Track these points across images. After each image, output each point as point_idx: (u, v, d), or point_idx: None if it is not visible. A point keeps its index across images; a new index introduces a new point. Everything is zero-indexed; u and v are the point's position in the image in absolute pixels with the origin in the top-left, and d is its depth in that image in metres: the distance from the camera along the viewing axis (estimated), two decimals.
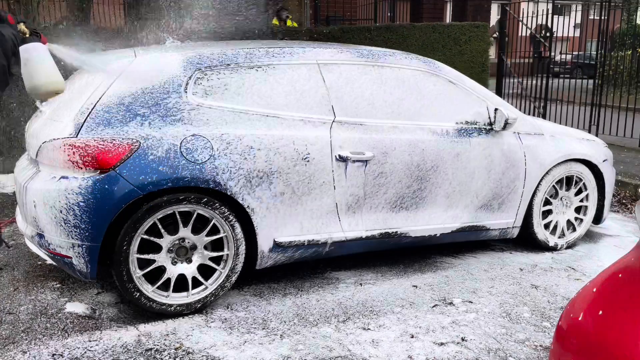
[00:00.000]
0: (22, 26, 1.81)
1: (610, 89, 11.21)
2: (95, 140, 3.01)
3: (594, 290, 1.77)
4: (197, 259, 3.31)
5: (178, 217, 3.19)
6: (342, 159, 3.52)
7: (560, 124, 6.51)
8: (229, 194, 3.25)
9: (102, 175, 2.99)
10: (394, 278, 3.88)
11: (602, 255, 4.43)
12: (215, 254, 3.33)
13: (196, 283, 3.33)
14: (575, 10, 10.25)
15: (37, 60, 1.78)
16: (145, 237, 3.13)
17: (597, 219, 4.69)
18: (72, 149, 3.00)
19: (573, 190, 4.50)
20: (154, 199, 3.10)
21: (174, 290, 3.27)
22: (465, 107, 4.00)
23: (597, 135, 8.40)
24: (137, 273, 3.14)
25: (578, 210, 4.58)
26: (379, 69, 3.79)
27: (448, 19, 16.48)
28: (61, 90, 1.87)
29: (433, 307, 3.46)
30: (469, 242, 4.49)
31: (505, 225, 4.22)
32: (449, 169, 3.87)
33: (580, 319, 1.70)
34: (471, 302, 3.53)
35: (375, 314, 3.35)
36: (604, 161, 4.54)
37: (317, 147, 3.47)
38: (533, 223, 4.33)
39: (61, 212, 2.99)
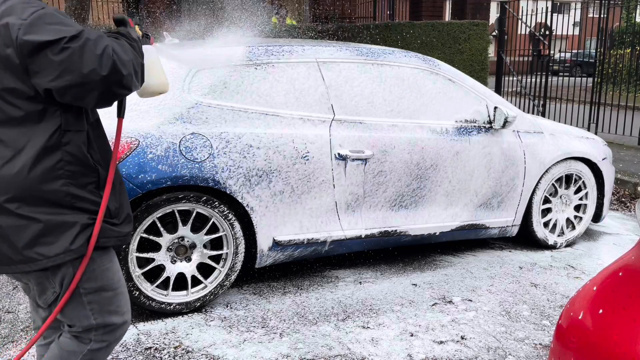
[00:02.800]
0: (137, 29, 1.91)
1: (610, 87, 11.21)
2: None
3: (594, 288, 1.77)
4: (196, 258, 3.31)
5: (177, 215, 3.19)
6: (342, 158, 3.52)
7: (559, 122, 6.52)
8: (228, 192, 3.25)
9: None
10: (394, 276, 3.88)
11: (601, 253, 4.43)
12: (214, 253, 3.33)
13: (195, 282, 3.32)
14: (575, 8, 10.26)
15: (149, 63, 1.86)
16: (144, 235, 3.13)
17: (597, 217, 4.69)
18: None
19: (572, 188, 4.50)
20: (153, 197, 3.10)
21: (173, 289, 3.27)
22: (465, 106, 4.00)
23: (596, 133, 8.41)
24: (136, 272, 3.13)
25: (577, 208, 4.58)
26: (378, 67, 3.78)
27: (447, 17, 16.47)
28: (166, 91, 1.94)
29: (432, 305, 3.46)
30: (468, 241, 4.49)
31: (505, 223, 4.22)
32: (449, 167, 3.87)
33: (580, 317, 1.70)
34: (471, 301, 3.53)
35: (374, 312, 3.35)
36: (603, 159, 4.54)
37: (317, 145, 3.46)
38: (532, 221, 4.33)
39: None
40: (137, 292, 3.14)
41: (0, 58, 1.54)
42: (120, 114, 1.78)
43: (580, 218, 4.57)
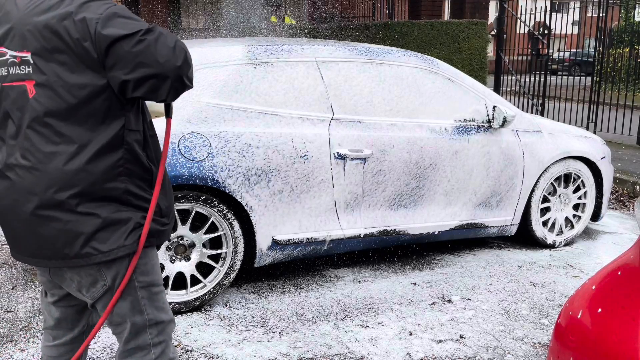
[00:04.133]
0: None
1: (609, 86, 11.22)
2: None
3: (593, 287, 1.77)
4: (195, 257, 3.31)
5: (176, 214, 3.19)
6: (341, 157, 3.52)
7: (558, 121, 6.53)
8: (227, 191, 3.25)
9: None
10: (393, 275, 3.89)
11: (600, 252, 4.43)
12: (213, 252, 3.33)
13: (195, 281, 3.32)
14: (573, 8, 10.25)
15: None
16: None
17: (595, 216, 4.70)
18: None
19: (571, 187, 4.50)
20: None
21: (172, 288, 3.27)
22: (464, 105, 4.00)
23: (595, 132, 8.42)
24: None
25: (576, 207, 4.59)
26: (377, 67, 3.78)
27: (446, 16, 16.47)
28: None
29: (431, 304, 3.46)
30: (467, 240, 4.50)
31: (504, 222, 4.23)
32: (448, 166, 3.87)
33: (579, 316, 1.70)
34: (469, 300, 3.53)
35: (373, 311, 3.35)
36: (602, 158, 4.54)
37: (316, 144, 3.46)
38: (531, 220, 4.34)
39: None
40: None
41: (77, 52, 1.56)
42: (169, 114, 1.81)
43: (579, 217, 4.58)
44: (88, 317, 1.98)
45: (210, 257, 3.36)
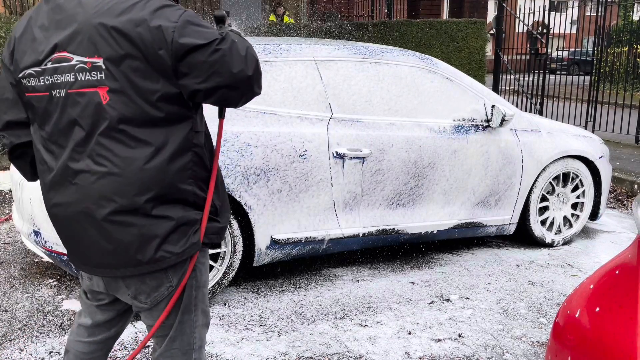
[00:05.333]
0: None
1: (607, 85, 11.23)
2: None
3: (591, 286, 1.77)
4: None
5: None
6: (340, 156, 3.52)
7: (556, 120, 6.53)
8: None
9: None
10: (391, 274, 3.89)
11: (598, 251, 4.44)
12: (212, 251, 3.33)
13: None
14: (572, 7, 10.25)
15: None
16: None
17: (594, 215, 4.71)
18: None
19: (570, 186, 4.50)
20: None
21: None
22: (462, 104, 4.00)
23: (593, 131, 8.42)
24: None
25: (574, 206, 4.59)
26: (376, 66, 3.79)
27: (445, 15, 16.48)
28: None
29: (430, 303, 3.47)
30: (465, 239, 4.50)
31: (502, 221, 4.23)
32: (446, 165, 3.87)
33: (577, 315, 1.70)
34: (468, 299, 3.54)
35: (372, 310, 3.36)
36: (600, 157, 4.55)
37: (315, 144, 3.46)
38: (530, 219, 4.34)
39: None
40: None
41: (150, 59, 1.53)
42: (222, 115, 1.80)
43: (578, 216, 4.58)
44: (127, 318, 1.97)
45: None
